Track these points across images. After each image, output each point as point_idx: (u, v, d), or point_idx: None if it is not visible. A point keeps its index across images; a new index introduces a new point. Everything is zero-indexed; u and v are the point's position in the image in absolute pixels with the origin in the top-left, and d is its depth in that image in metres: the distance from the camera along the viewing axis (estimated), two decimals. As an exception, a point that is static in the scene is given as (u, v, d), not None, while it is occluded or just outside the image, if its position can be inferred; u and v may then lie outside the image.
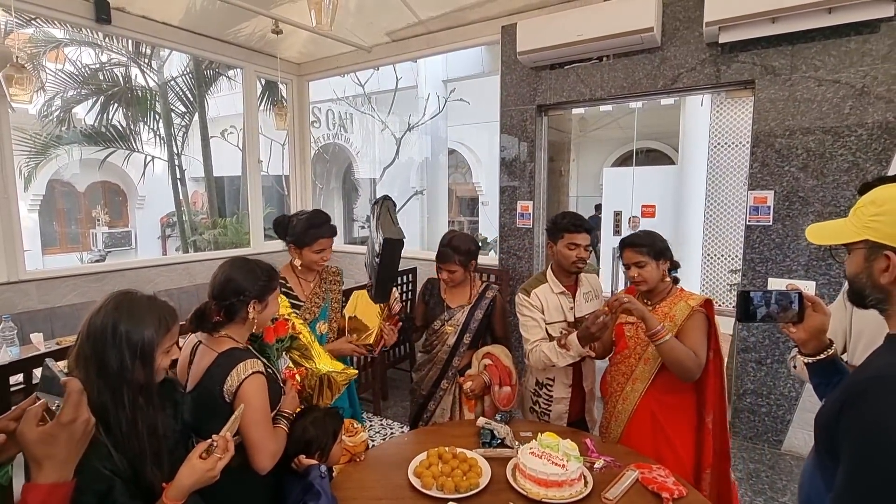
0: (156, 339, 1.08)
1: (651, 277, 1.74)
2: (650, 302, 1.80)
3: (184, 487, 1.04)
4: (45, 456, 0.80)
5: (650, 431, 1.72)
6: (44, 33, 6.32)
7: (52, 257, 9.51)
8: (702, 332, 1.69)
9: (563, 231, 1.97)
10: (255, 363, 1.32)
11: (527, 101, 3.65)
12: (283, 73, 4.77)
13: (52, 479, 0.80)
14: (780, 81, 2.77)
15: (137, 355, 1.05)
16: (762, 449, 2.95)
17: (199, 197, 10.39)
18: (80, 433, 0.83)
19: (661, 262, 1.75)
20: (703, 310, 1.71)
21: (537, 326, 1.99)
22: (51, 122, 6.83)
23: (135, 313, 1.07)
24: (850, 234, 0.88)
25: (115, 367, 1.03)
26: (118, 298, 1.10)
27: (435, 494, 1.38)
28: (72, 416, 0.81)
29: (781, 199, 2.82)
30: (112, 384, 1.03)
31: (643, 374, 1.76)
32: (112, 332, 1.04)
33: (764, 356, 2.93)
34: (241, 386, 1.27)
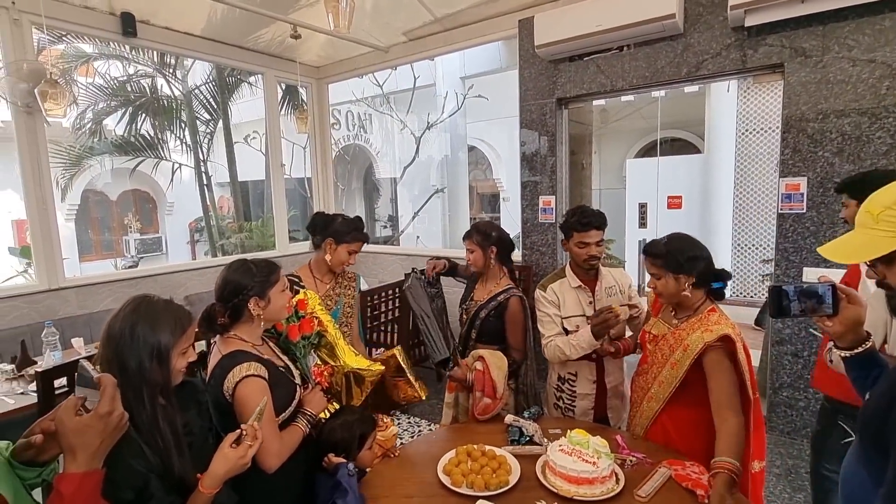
0: (172, 340, 1.11)
1: (665, 291, 1.61)
2: (676, 315, 1.68)
3: (218, 476, 1.10)
4: (79, 445, 0.84)
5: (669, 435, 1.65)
6: (74, 49, 6.55)
7: (88, 264, 9.89)
8: (724, 374, 1.50)
9: (571, 230, 1.94)
10: (253, 366, 1.33)
11: (546, 95, 3.60)
12: (303, 77, 4.83)
13: (84, 469, 0.84)
14: (811, 63, 2.66)
15: (154, 356, 1.09)
16: (801, 444, 2.85)
17: (226, 201, 10.64)
18: (113, 426, 0.87)
19: (681, 275, 1.57)
20: (719, 344, 1.50)
21: (552, 322, 1.99)
22: (83, 134, 7.08)
23: (151, 316, 1.11)
24: (888, 243, 0.82)
25: (135, 368, 1.07)
26: (136, 302, 1.14)
27: (465, 492, 1.39)
28: (108, 408, 0.86)
29: (815, 185, 2.72)
30: (133, 384, 1.06)
31: (657, 394, 1.67)
32: (130, 335, 1.08)
33: (800, 348, 2.83)
34: (235, 388, 1.30)
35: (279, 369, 1.44)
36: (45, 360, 2.53)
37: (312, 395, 1.50)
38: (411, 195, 9.29)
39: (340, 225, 2.05)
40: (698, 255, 1.58)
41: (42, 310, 3.27)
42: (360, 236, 2.08)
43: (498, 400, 1.87)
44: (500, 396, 1.87)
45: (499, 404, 1.88)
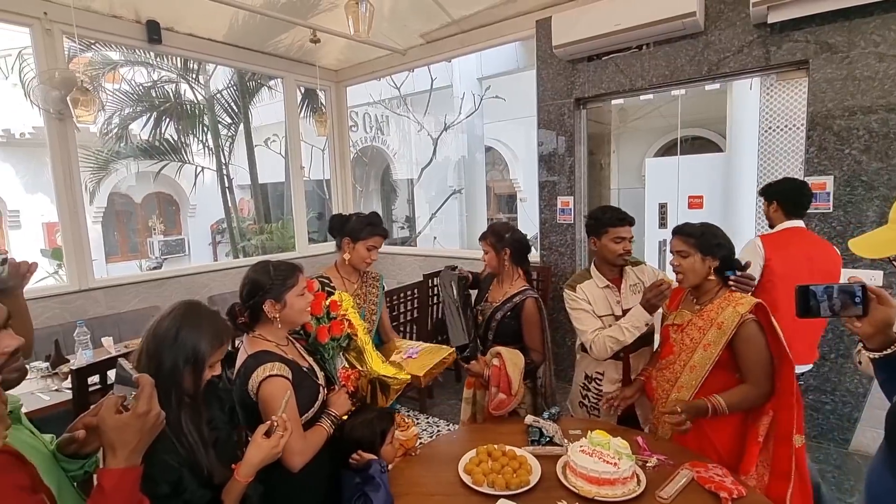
0: (209, 351, 1.16)
1: (691, 270, 1.66)
2: (697, 301, 1.72)
3: (253, 464, 1.16)
4: (119, 442, 0.88)
5: (694, 434, 1.63)
6: (102, 56, 6.75)
7: (114, 265, 10.18)
8: (757, 347, 1.57)
9: (606, 225, 1.95)
10: (276, 366, 1.35)
11: (564, 95, 3.59)
12: (322, 81, 4.90)
13: (123, 465, 0.88)
14: (836, 60, 2.61)
15: (190, 362, 1.13)
16: (827, 448, 2.79)
17: (246, 204, 10.83)
18: (151, 424, 0.91)
19: (707, 258, 1.65)
20: (753, 316, 1.57)
21: (590, 316, 1.96)
22: (110, 138, 7.29)
23: (197, 323, 1.16)
24: None
25: (169, 368, 1.11)
26: (186, 307, 1.19)
27: (486, 491, 1.40)
28: (145, 407, 0.90)
29: (842, 184, 2.66)
30: (163, 383, 1.09)
31: (688, 382, 1.68)
32: (174, 336, 1.13)
33: (827, 350, 2.77)
34: (259, 388, 1.33)
35: (303, 370, 1.47)
36: (78, 359, 2.62)
37: (337, 397, 1.52)
38: (428, 196, 9.33)
39: (355, 223, 2.07)
40: (725, 244, 1.68)
41: (73, 310, 3.39)
42: (376, 230, 2.07)
43: (513, 397, 1.87)
44: (515, 393, 1.87)
45: (513, 401, 1.88)
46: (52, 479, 0.93)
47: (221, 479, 1.16)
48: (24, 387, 2.33)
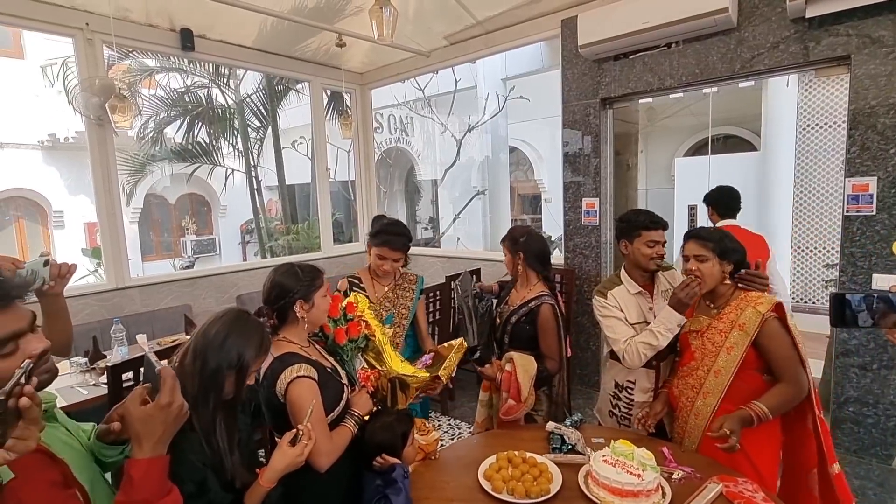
0: (253, 360, 1.20)
1: (710, 274, 1.65)
2: (714, 305, 1.71)
3: (278, 471, 1.18)
4: (144, 433, 0.91)
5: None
6: (139, 63, 7.02)
7: (149, 264, 10.55)
8: (785, 343, 1.57)
9: (640, 229, 1.90)
10: (303, 367, 1.38)
11: (590, 95, 3.53)
12: (347, 84, 4.96)
13: (149, 455, 0.90)
14: (881, 55, 2.48)
15: (234, 368, 1.16)
16: (869, 464, 2.65)
17: (274, 204, 11.08)
18: (174, 415, 0.93)
19: (724, 262, 1.66)
20: (774, 314, 1.58)
21: (622, 323, 1.90)
22: (147, 142, 7.57)
23: (245, 332, 1.20)
24: None
25: (212, 369, 1.14)
26: (237, 315, 1.23)
27: (506, 498, 1.38)
28: (168, 399, 0.92)
29: (887, 185, 2.52)
30: (204, 384, 1.14)
31: (714, 387, 1.64)
32: (222, 340, 1.16)
33: (869, 361, 2.64)
34: (287, 389, 1.35)
35: (327, 370, 1.49)
36: (114, 355, 2.73)
37: (359, 397, 1.53)
38: (452, 197, 9.34)
39: (375, 226, 2.09)
40: (739, 249, 1.69)
41: (110, 307, 3.53)
42: (385, 241, 2.03)
43: (521, 403, 1.86)
44: (524, 400, 1.85)
45: (522, 408, 1.87)
46: (86, 476, 0.96)
47: (243, 482, 1.18)
48: (63, 381, 2.45)
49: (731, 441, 1.45)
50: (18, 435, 0.69)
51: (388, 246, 2.05)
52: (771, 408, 1.54)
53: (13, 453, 0.69)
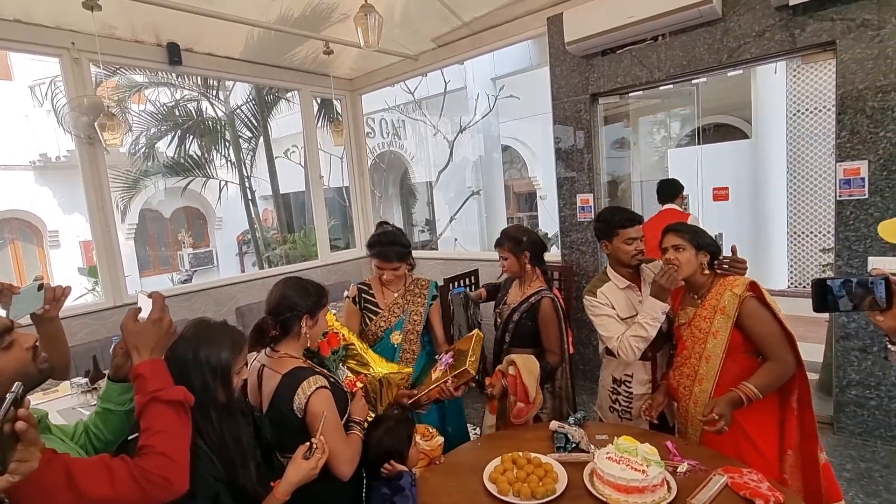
0: (231, 360, 1.20)
1: (687, 262, 1.71)
2: (697, 296, 1.76)
3: (292, 483, 1.21)
4: (140, 344, 1.04)
5: (729, 432, 1.59)
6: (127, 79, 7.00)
7: (147, 279, 10.53)
8: (766, 321, 1.61)
9: (617, 228, 1.94)
10: (318, 379, 1.40)
11: (579, 91, 3.54)
12: (337, 91, 4.96)
13: (147, 360, 1.03)
14: (867, 38, 2.49)
15: (218, 376, 1.18)
16: (874, 446, 2.66)
17: (269, 214, 11.06)
18: (164, 330, 1.08)
19: (700, 252, 1.72)
20: (751, 293, 1.63)
21: (614, 320, 1.92)
22: (139, 158, 7.56)
23: (211, 339, 1.21)
24: None
25: (200, 388, 1.15)
26: (196, 327, 1.24)
27: (512, 500, 1.38)
28: (158, 315, 1.07)
29: (878, 168, 2.53)
30: (199, 403, 1.14)
31: (707, 372, 1.69)
32: (194, 358, 1.17)
33: (869, 343, 2.64)
34: (308, 402, 1.35)
35: (331, 381, 1.49)
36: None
37: (356, 404, 1.55)
38: (447, 198, 9.34)
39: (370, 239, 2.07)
40: (712, 243, 1.76)
41: (109, 325, 3.51)
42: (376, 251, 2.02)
43: (531, 404, 1.85)
44: (533, 401, 1.85)
45: (532, 409, 1.87)
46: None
47: (255, 495, 1.19)
48: (65, 402, 2.44)
49: (720, 425, 1.49)
50: (19, 458, 0.72)
51: (379, 258, 2.04)
52: (760, 387, 1.56)
53: (17, 476, 0.72)
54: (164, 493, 0.93)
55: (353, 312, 2.08)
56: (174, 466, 0.94)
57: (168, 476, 0.93)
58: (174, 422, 1.00)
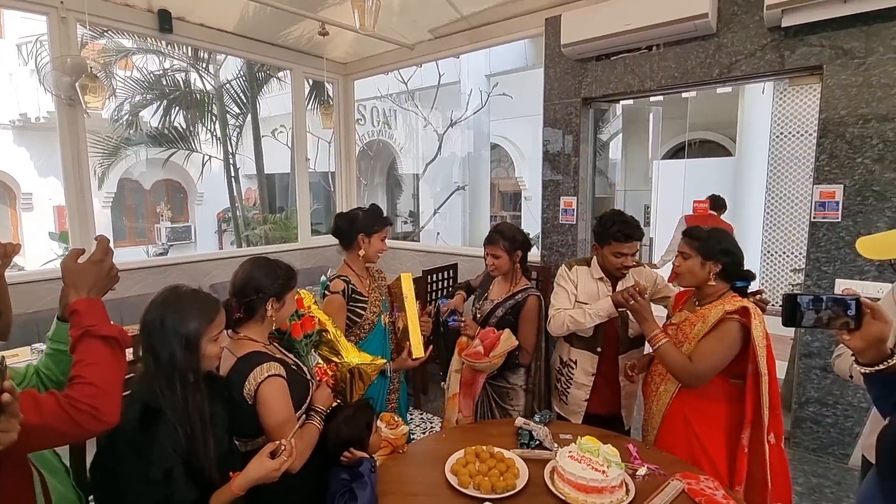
0: (200, 329, 1.17)
1: (689, 271, 1.69)
2: (699, 302, 1.74)
3: (251, 480, 1.17)
4: (80, 283, 1.04)
5: (683, 436, 1.65)
6: (115, 43, 6.79)
7: (122, 250, 10.28)
8: (722, 342, 1.58)
9: (610, 239, 1.94)
10: (273, 366, 1.34)
11: (571, 95, 3.55)
12: (330, 74, 4.89)
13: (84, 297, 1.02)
14: (852, 66, 2.55)
15: (184, 345, 1.15)
16: (826, 462, 2.75)
17: (252, 193, 10.89)
18: (104, 272, 1.07)
19: (709, 262, 1.66)
20: (736, 317, 1.58)
21: (567, 296, 2.02)
22: (121, 125, 7.35)
23: (179, 307, 1.18)
24: None
25: (166, 357, 1.14)
26: (165, 294, 1.21)
27: (471, 493, 1.38)
28: (100, 256, 1.06)
29: (853, 193, 2.61)
30: (165, 372, 1.14)
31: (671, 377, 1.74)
32: (160, 325, 1.15)
33: (829, 362, 2.72)
34: (258, 390, 1.31)
35: (292, 367, 1.46)
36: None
37: (320, 392, 1.51)
38: (433, 191, 9.32)
39: (367, 217, 2.04)
40: (731, 251, 1.66)
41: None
42: (386, 221, 2.09)
43: (487, 358, 1.94)
44: (491, 357, 1.94)
45: (485, 361, 1.95)
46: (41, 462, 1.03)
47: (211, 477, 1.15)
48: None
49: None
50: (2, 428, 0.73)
51: (389, 224, 2.10)
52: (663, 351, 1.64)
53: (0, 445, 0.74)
54: (94, 423, 0.92)
55: (342, 308, 1.97)
56: (103, 396, 0.93)
57: (96, 405, 0.91)
58: (107, 356, 0.98)
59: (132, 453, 1.09)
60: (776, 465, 1.60)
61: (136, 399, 1.15)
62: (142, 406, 1.12)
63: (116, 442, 1.11)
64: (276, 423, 1.32)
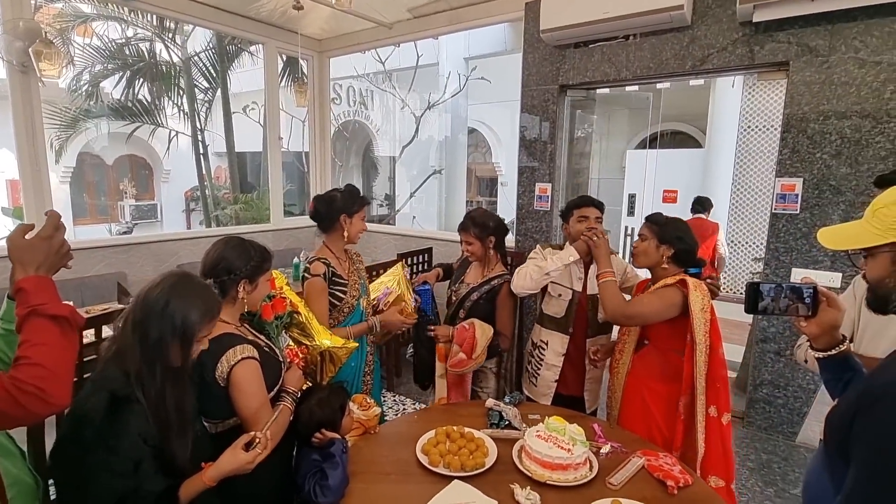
0: (199, 325, 1.13)
1: (643, 253, 1.82)
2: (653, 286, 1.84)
3: (223, 472, 1.15)
4: (27, 260, 0.98)
5: (641, 415, 1.79)
6: (72, 8, 6.40)
7: (82, 228, 9.85)
8: (658, 296, 1.73)
9: (572, 208, 2.10)
10: (246, 348, 1.33)
11: (549, 81, 3.56)
12: (304, 50, 4.75)
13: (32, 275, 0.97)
14: (816, 63, 2.64)
15: (178, 335, 1.10)
16: (776, 440, 2.92)
17: (222, 172, 10.55)
18: (55, 249, 1.01)
19: (663, 246, 1.78)
20: (675, 285, 1.72)
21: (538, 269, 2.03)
22: (80, 95, 6.96)
23: (187, 295, 1.13)
24: (873, 237, 0.83)
25: (154, 340, 1.09)
26: (177, 278, 1.16)
27: (441, 472, 1.42)
28: (49, 232, 1.01)
29: (811, 187, 2.72)
30: (148, 355, 1.09)
31: (626, 348, 1.89)
32: (162, 307, 1.10)
33: (783, 347, 2.87)
34: (231, 372, 1.30)
35: (264, 349, 1.44)
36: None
37: (291, 374, 1.51)
38: (409, 175, 9.25)
39: (346, 198, 2.02)
40: (685, 238, 1.79)
41: (33, 272, 3.26)
42: (365, 200, 2.09)
43: (472, 360, 1.96)
44: (475, 358, 1.97)
45: (471, 363, 1.98)
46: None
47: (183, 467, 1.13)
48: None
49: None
50: None
51: (367, 204, 2.09)
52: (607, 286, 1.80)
53: None
54: (41, 406, 0.88)
55: (323, 290, 1.93)
56: (51, 377, 0.90)
57: (43, 387, 0.88)
58: (56, 336, 0.94)
59: (100, 443, 1.04)
60: (713, 437, 1.69)
61: (100, 385, 1.09)
62: (109, 395, 1.07)
63: (82, 431, 1.06)
64: (249, 405, 1.31)
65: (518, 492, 1.33)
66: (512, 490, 1.34)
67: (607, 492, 1.37)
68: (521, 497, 1.31)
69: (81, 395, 1.10)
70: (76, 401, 1.09)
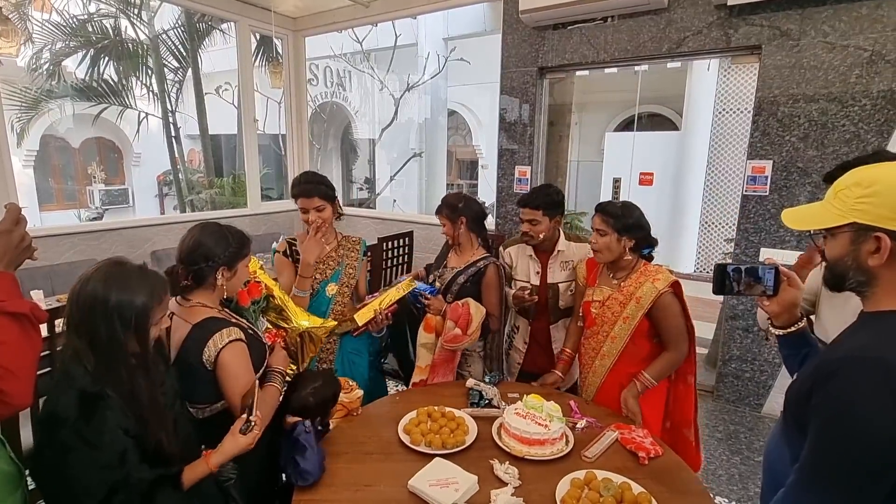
0: (149, 308, 1.09)
1: (606, 248, 1.75)
2: (615, 276, 1.82)
3: (227, 455, 1.17)
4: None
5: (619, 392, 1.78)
6: (28, -20, 6.06)
7: (49, 214, 9.49)
8: (677, 315, 1.73)
9: (518, 205, 2.09)
10: (233, 331, 1.33)
11: (528, 63, 3.55)
12: (278, 28, 4.62)
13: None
14: (787, 47, 2.70)
15: (131, 327, 1.06)
16: (743, 412, 3.06)
17: (196, 155, 10.26)
18: (15, 242, 1.00)
19: (624, 237, 1.73)
20: (670, 290, 1.72)
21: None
22: (40, 75, 6.65)
23: (127, 285, 1.07)
24: (834, 217, 0.86)
25: (106, 339, 1.04)
26: (109, 269, 1.09)
27: (423, 450, 1.45)
28: (8, 226, 0.99)
29: (780, 169, 2.81)
30: (104, 356, 1.04)
31: (610, 350, 1.82)
32: (103, 304, 1.04)
33: (751, 324, 2.99)
34: (219, 355, 1.29)
35: (248, 332, 1.44)
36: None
37: (276, 355, 1.52)
38: (389, 157, 9.15)
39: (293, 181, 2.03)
40: (643, 225, 1.77)
41: None
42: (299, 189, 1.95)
43: (466, 336, 1.96)
44: (470, 334, 1.96)
45: (466, 340, 1.96)
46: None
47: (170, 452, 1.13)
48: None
49: (637, 420, 1.68)
50: None
51: (303, 196, 1.95)
52: (655, 375, 1.74)
53: None
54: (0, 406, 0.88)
55: (286, 265, 1.97)
56: (11, 378, 0.89)
57: (2, 388, 0.87)
58: (16, 334, 0.92)
59: (80, 442, 1.01)
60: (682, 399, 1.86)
61: (67, 384, 1.04)
62: (79, 393, 1.02)
63: (57, 433, 1.02)
64: (238, 387, 1.31)
65: (497, 466, 1.38)
66: (491, 465, 1.39)
67: (582, 464, 1.42)
68: (500, 471, 1.36)
69: (50, 397, 1.06)
70: (45, 403, 1.06)
